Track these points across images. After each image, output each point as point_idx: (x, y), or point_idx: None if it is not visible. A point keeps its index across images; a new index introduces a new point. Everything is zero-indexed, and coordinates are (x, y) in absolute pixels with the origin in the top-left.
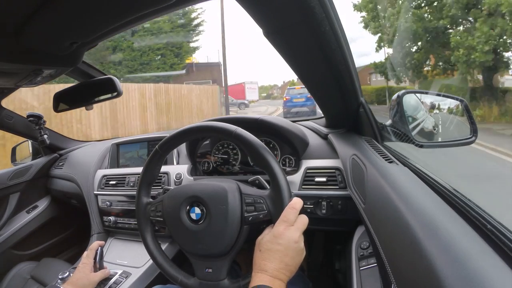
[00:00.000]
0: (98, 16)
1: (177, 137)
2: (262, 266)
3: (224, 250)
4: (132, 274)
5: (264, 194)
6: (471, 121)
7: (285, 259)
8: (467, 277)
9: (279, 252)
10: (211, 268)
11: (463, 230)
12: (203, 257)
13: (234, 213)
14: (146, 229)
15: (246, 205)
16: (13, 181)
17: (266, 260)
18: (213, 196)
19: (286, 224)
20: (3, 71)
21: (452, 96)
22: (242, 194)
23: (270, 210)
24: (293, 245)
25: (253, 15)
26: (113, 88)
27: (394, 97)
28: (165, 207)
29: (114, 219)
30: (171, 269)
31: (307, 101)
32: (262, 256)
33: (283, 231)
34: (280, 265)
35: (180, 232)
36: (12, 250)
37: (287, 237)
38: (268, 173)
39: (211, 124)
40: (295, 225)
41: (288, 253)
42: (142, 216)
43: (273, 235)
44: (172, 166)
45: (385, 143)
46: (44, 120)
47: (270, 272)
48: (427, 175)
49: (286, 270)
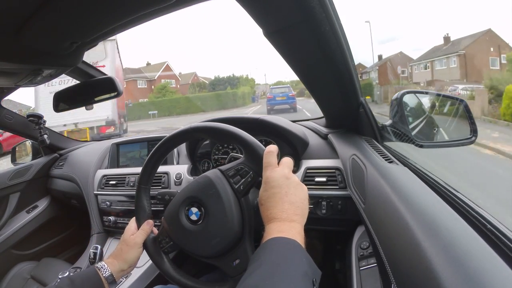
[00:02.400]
0: (98, 16)
1: (149, 164)
2: (268, 216)
3: (237, 232)
4: (132, 274)
5: (241, 160)
6: (471, 121)
7: (286, 198)
8: (467, 277)
9: (277, 194)
10: (237, 258)
11: (463, 230)
12: (224, 253)
13: (226, 191)
14: (163, 263)
15: (232, 178)
16: (13, 181)
17: (270, 208)
18: (200, 188)
19: (271, 167)
20: (3, 71)
21: (452, 96)
22: (223, 172)
23: (254, 169)
24: (287, 182)
25: (253, 15)
26: (113, 88)
27: (394, 97)
28: (167, 230)
29: (114, 219)
30: (204, 286)
31: (288, 99)
32: (265, 207)
33: (270, 174)
34: (284, 205)
35: (191, 240)
36: (12, 250)
37: (276, 177)
38: (235, 141)
39: (171, 134)
40: (279, 166)
41: (286, 191)
42: (154, 252)
43: (264, 183)
44: (172, 166)
45: (385, 143)
46: (44, 120)
47: (278, 218)
48: (427, 175)
49: (293, 208)
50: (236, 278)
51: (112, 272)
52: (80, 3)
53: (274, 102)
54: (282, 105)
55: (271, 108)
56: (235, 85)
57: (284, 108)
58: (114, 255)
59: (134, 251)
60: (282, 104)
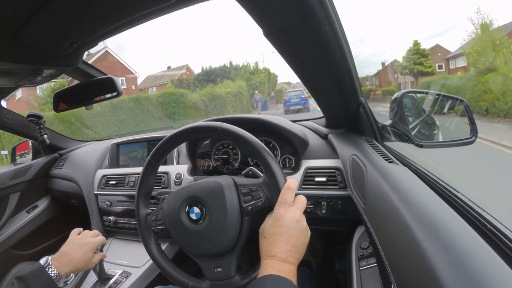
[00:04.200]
0: (98, 16)
1: (167, 143)
2: (269, 252)
3: (229, 246)
4: (132, 274)
5: (259, 182)
6: (471, 121)
7: (291, 240)
8: (467, 277)
9: (283, 234)
10: (220, 267)
11: (463, 230)
12: (210, 257)
13: (233, 205)
14: (150, 240)
15: (243, 196)
16: (13, 181)
17: (272, 245)
18: (209, 193)
19: (285, 206)
20: (3, 71)
21: (452, 96)
22: (238, 186)
23: (268, 196)
24: (296, 225)
25: (253, 15)
26: (113, 88)
27: (394, 97)
28: (165, 214)
29: (114, 219)
30: (181, 276)
31: (301, 100)
32: (267, 242)
33: (283, 213)
34: (287, 247)
35: (184, 235)
36: (12, 250)
37: (288, 217)
38: (260, 161)
39: (197, 124)
40: (294, 205)
41: (293, 234)
42: (144, 227)
43: (274, 219)
44: (172, 166)
45: (385, 143)
46: (44, 119)
47: (278, 257)
48: (427, 175)
49: (294, 252)
50: (213, 283)
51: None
52: (80, 3)
53: (290, 104)
54: (297, 106)
55: (287, 109)
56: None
57: (299, 108)
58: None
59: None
60: (297, 105)
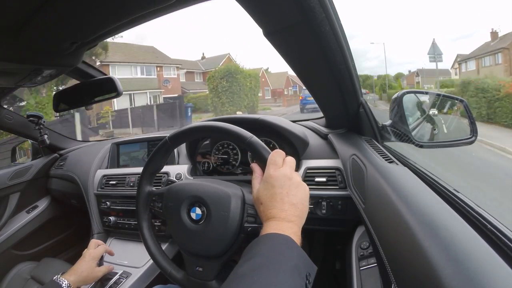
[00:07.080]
0: (98, 16)
1: (188, 132)
2: (268, 215)
3: (218, 253)
4: (132, 274)
5: None
6: (471, 121)
7: (287, 198)
8: (467, 277)
9: (278, 194)
10: (202, 267)
11: (463, 230)
12: (196, 256)
13: (234, 221)
14: (144, 217)
15: (248, 216)
16: (13, 181)
17: (269, 208)
18: (216, 200)
19: (275, 167)
20: (3, 71)
21: (452, 96)
22: (246, 204)
23: None
24: (288, 182)
25: (253, 15)
26: (113, 88)
27: (394, 96)
28: (166, 201)
29: (114, 219)
30: (163, 260)
31: None
32: (264, 207)
33: (273, 173)
34: (284, 206)
35: (178, 228)
36: (12, 250)
37: (279, 176)
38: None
39: (226, 126)
40: (283, 166)
41: (288, 191)
42: (142, 203)
43: (265, 181)
44: (172, 166)
45: (385, 143)
46: (44, 120)
47: (277, 217)
48: (427, 175)
49: (293, 210)
50: (190, 278)
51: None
52: (80, 3)
53: (306, 102)
54: (313, 104)
55: (303, 107)
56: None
57: (314, 107)
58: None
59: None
60: (313, 104)
